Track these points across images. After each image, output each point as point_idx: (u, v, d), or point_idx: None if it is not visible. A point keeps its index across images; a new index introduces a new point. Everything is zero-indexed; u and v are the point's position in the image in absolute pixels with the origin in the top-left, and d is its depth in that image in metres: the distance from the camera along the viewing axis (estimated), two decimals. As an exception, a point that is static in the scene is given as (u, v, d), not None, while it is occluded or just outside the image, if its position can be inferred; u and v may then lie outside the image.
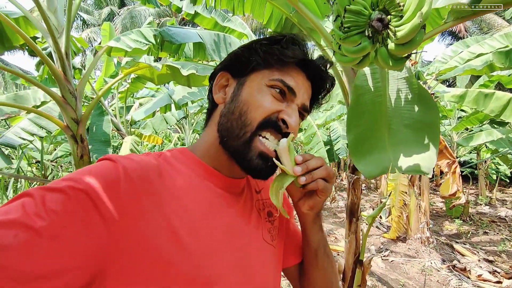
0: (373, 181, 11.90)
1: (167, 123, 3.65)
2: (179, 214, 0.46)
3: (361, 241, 2.01)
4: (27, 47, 2.45)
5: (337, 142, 7.87)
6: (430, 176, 0.90)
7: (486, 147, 8.53)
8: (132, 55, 2.47)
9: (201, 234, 0.47)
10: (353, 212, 1.95)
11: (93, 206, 0.39)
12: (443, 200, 8.40)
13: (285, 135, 0.56)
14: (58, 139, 5.83)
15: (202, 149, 0.58)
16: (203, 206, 0.50)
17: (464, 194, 6.87)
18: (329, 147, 6.98)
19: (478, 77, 5.41)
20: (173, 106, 3.80)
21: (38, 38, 2.49)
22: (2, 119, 3.18)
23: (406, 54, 0.76)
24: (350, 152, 1.05)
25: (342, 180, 13.45)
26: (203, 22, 2.79)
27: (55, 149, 6.24)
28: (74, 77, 3.18)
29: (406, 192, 4.72)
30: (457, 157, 7.74)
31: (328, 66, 0.62)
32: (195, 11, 2.66)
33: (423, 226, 4.55)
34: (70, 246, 0.37)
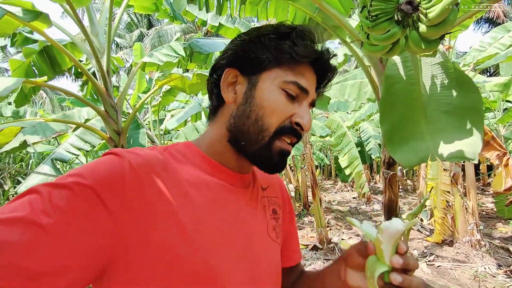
0: (410, 182, 11.24)
1: (198, 132, 3.81)
2: (185, 209, 0.46)
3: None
4: (73, 70, 2.73)
5: (368, 143, 7.59)
6: (476, 162, 0.85)
7: (540, 140, 7.69)
8: (164, 69, 2.63)
9: (207, 228, 0.47)
10: (391, 211, 1.86)
11: (99, 202, 0.39)
12: (494, 201, 7.68)
13: (299, 136, 0.56)
14: (99, 154, 6.30)
15: (207, 144, 0.57)
16: (209, 200, 0.50)
17: (518, 193, 6.22)
18: (360, 148, 6.77)
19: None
20: (203, 115, 3.93)
21: (82, 61, 2.76)
22: (53, 137, 3.53)
23: (439, 36, 0.74)
24: (386, 143, 1.03)
25: (376, 183, 12.90)
26: (227, 32, 2.90)
27: (97, 164, 6.73)
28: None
29: (449, 192, 4.39)
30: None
31: (331, 56, 0.60)
32: (219, 23, 2.78)
33: (472, 228, 4.19)
34: (76, 243, 0.37)
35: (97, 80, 1.99)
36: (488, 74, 13.89)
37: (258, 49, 0.54)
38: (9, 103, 4.07)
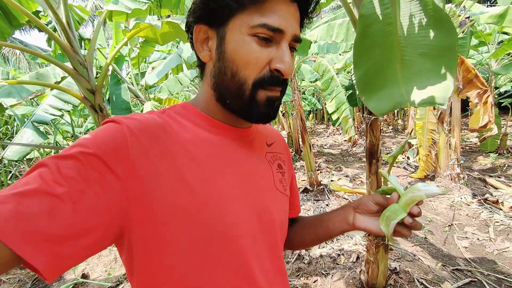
0: (400, 122, 11.45)
1: (181, 84, 3.64)
2: (190, 167, 0.47)
3: (382, 182, 2.02)
4: (34, 24, 2.47)
5: (360, 86, 7.46)
6: (445, 108, 0.85)
7: (532, 73, 7.61)
8: (134, 17, 2.39)
9: (214, 184, 0.49)
10: (372, 154, 1.93)
11: (105, 168, 0.41)
12: (478, 135, 7.96)
13: (284, 82, 0.52)
14: (86, 112, 6.13)
15: (203, 104, 0.56)
16: (213, 157, 0.51)
17: (503, 127, 6.38)
18: (351, 91, 6.67)
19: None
20: (184, 66, 3.73)
21: (40, 11, 2.48)
22: (30, 98, 3.38)
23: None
24: (359, 90, 1.00)
25: (368, 124, 13.08)
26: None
27: (85, 121, 6.62)
28: (84, 48, 3.20)
29: (435, 130, 4.51)
30: (496, 88, 7.03)
31: None
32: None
33: (453, 162, 4.42)
34: (92, 207, 0.39)
35: (59, 35, 1.81)
36: (488, 3, 13.03)
37: None
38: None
